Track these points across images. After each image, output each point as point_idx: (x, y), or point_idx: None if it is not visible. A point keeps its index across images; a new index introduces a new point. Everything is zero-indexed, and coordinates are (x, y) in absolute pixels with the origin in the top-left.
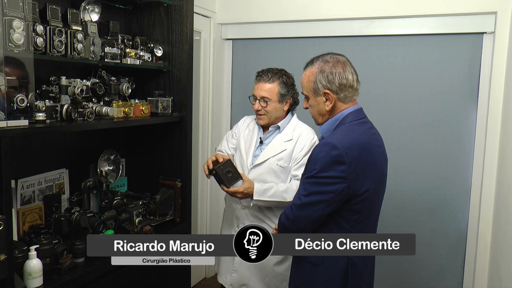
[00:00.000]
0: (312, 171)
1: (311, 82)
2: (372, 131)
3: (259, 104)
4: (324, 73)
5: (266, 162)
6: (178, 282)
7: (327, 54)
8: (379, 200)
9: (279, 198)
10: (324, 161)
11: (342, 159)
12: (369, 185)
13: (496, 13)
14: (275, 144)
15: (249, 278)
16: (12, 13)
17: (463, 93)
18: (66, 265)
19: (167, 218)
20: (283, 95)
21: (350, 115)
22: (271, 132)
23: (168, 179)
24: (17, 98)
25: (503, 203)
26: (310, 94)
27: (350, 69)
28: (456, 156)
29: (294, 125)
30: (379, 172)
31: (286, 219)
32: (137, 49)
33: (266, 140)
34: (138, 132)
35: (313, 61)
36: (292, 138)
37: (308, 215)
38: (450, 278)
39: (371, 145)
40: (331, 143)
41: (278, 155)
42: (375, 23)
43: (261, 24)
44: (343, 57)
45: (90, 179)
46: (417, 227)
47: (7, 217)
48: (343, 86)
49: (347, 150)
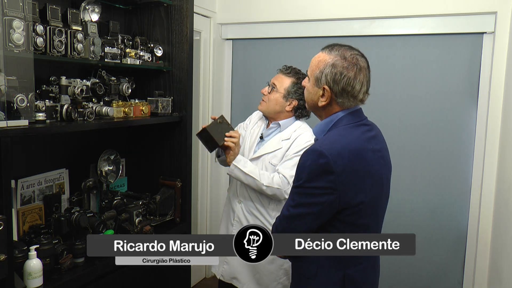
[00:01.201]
0: (299, 181)
1: (317, 69)
2: (369, 135)
3: (267, 88)
4: (335, 69)
5: (261, 158)
6: (178, 282)
7: (351, 50)
8: (379, 210)
9: (254, 175)
10: (310, 170)
11: (331, 168)
12: (363, 197)
13: (496, 13)
14: (272, 142)
15: (240, 272)
16: (12, 13)
17: (463, 93)
18: (66, 265)
19: (167, 218)
20: (289, 93)
21: (345, 118)
22: (272, 129)
23: (168, 179)
24: (17, 98)
25: (503, 203)
26: (311, 79)
27: (362, 79)
28: (456, 156)
29: (297, 127)
30: (376, 181)
31: (276, 230)
32: (137, 49)
33: (266, 137)
34: (138, 132)
35: (332, 48)
36: (290, 137)
37: (296, 228)
38: (450, 278)
39: (366, 151)
40: (318, 150)
41: (272, 153)
42: (375, 23)
43: (261, 24)
44: (364, 62)
45: (90, 179)
46: (417, 227)
47: (7, 217)
48: (345, 92)
49: (336, 157)
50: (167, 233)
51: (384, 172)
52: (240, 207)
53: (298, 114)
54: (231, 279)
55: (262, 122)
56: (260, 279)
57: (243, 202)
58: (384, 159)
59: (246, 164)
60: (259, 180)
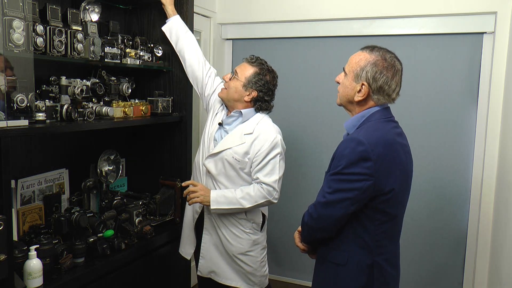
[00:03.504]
0: (336, 168)
1: (358, 66)
2: (398, 130)
3: (229, 75)
4: (376, 67)
5: (222, 153)
6: (178, 282)
7: (389, 53)
8: (404, 200)
9: (236, 205)
10: (349, 157)
11: (368, 156)
12: (394, 184)
13: (496, 13)
14: (234, 136)
15: (217, 265)
16: (12, 13)
17: (463, 93)
18: (66, 265)
19: (167, 218)
20: (250, 82)
21: (377, 113)
22: (233, 118)
23: (168, 179)
24: (17, 98)
25: (503, 203)
26: (350, 75)
27: (397, 80)
28: (456, 156)
29: (259, 119)
30: (404, 172)
31: (310, 218)
32: (137, 49)
33: (226, 126)
34: (138, 132)
35: (373, 49)
36: (253, 132)
37: (332, 213)
38: (450, 278)
39: (397, 144)
40: (357, 138)
41: (235, 148)
42: (375, 23)
43: (261, 24)
44: (400, 66)
45: (90, 179)
46: (417, 227)
47: (7, 217)
48: (382, 90)
49: (373, 146)
50: (166, 233)
51: (409, 166)
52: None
53: (258, 106)
54: (209, 273)
55: (223, 107)
56: (238, 269)
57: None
58: (409, 154)
59: (223, 199)
60: (242, 206)
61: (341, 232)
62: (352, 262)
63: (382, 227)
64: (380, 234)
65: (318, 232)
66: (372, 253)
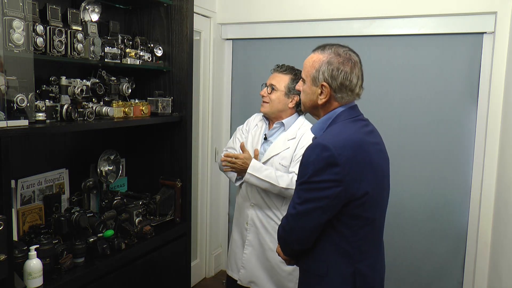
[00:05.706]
0: (304, 176)
1: (313, 69)
2: (368, 129)
3: (266, 90)
4: (331, 66)
5: (269, 161)
6: (178, 282)
7: (342, 47)
8: (382, 202)
9: (272, 180)
10: (315, 164)
11: (335, 161)
12: (367, 187)
13: (496, 13)
14: (278, 143)
15: (257, 276)
16: (12, 13)
17: (463, 93)
18: (66, 265)
19: (167, 218)
20: (290, 89)
21: (343, 114)
22: (275, 129)
23: (168, 179)
24: (17, 98)
25: (503, 203)
26: (308, 80)
27: (357, 72)
28: (456, 156)
29: (300, 124)
30: (378, 172)
31: (283, 230)
32: (137, 49)
33: (271, 138)
34: (138, 132)
35: (324, 48)
36: (296, 136)
37: (304, 225)
38: (450, 278)
39: (367, 144)
40: (321, 144)
41: (280, 154)
42: (375, 23)
43: (261, 24)
44: (356, 57)
45: (90, 179)
46: (417, 226)
47: (7, 217)
48: (343, 87)
49: (340, 150)
50: (167, 233)
51: (384, 165)
52: (254, 211)
53: (300, 109)
54: (249, 283)
55: (263, 123)
56: (277, 281)
57: (256, 205)
58: (383, 152)
59: (262, 169)
60: (277, 184)
61: (318, 242)
62: (333, 272)
63: (361, 232)
64: (359, 240)
65: (294, 243)
66: (353, 260)
